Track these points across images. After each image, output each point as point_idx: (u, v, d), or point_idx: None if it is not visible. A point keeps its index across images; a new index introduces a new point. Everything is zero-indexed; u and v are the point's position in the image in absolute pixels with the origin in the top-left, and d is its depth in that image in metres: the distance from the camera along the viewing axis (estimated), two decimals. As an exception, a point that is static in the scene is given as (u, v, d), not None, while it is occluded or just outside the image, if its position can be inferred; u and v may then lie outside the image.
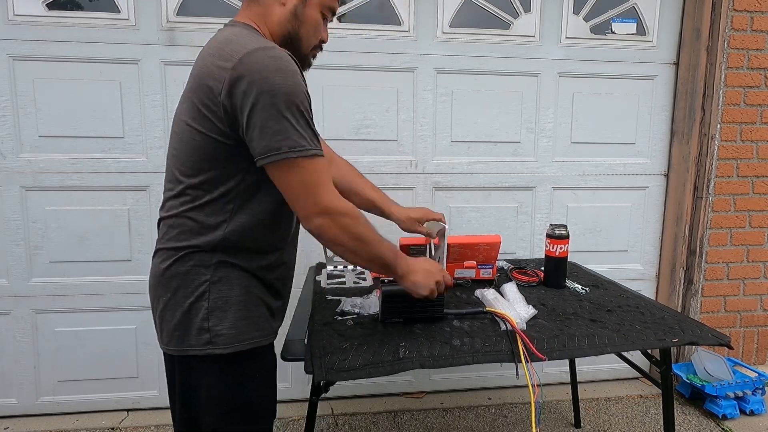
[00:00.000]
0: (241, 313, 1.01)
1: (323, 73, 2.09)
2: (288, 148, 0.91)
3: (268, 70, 0.90)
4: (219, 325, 0.99)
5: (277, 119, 0.90)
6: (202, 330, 0.99)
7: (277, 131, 0.90)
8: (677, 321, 1.29)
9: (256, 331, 1.03)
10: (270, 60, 0.91)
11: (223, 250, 1.00)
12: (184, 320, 0.99)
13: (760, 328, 2.46)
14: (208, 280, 0.99)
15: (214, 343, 0.99)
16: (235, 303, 1.01)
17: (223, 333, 0.99)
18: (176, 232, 1.01)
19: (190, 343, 1.00)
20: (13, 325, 2.05)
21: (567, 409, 2.26)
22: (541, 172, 2.30)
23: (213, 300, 0.99)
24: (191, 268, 0.99)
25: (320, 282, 1.58)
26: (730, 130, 2.28)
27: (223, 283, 1.00)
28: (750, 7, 2.20)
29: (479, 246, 1.54)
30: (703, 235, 2.32)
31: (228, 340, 0.99)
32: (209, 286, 0.99)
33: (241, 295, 1.01)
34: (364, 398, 2.29)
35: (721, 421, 2.15)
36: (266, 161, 0.92)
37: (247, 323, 1.01)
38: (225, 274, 1.00)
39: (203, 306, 0.99)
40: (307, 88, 0.98)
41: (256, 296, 1.04)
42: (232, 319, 1.00)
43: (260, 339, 1.04)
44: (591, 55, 2.25)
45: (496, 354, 1.10)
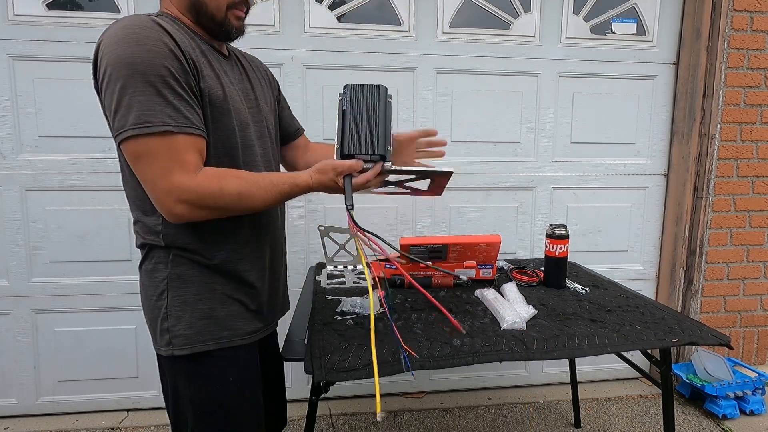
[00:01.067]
0: (201, 313, 0.97)
1: (322, 74, 2.09)
2: (131, 125, 0.82)
3: (113, 43, 0.83)
4: (177, 325, 0.96)
5: (120, 93, 0.82)
6: (163, 330, 0.97)
7: (118, 108, 0.83)
8: (677, 321, 1.29)
9: (224, 330, 0.99)
10: (118, 31, 0.84)
11: (174, 245, 0.96)
12: (152, 319, 0.99)
13: (760, 328, 2.46)
14: (166, 278, 0.96)
15: (173, 345, 0.96)
16: (193, 302, 0.97)
17: (180, 333, 0.96)
18: (136, 229, 1.00)
19: (158, 344, 0.99)
20: (13, 325, 2.05)
21: (567, 409, 2.26)
22: (541, 172, 2.30)
23: (171, 299, 0.96)
24: (154, 266, 0.97)
25: (320, 282, 1.58)
26: (730, 130, 2.28)
27: (181, 281, 0.96)
28: (750, 7, 2.20)
29: (479, 246, 1.54)
30: (703, 235, 2.32)
31: (186, 341, 0.96)
32: (167, 284, 0.96)
33: (201, 293, 0.97)
34: (364, 398, 2.29)
35: (721, 421, 2.15)
36: (116, 143, 0.85)
37: (208, 323, 0.97)
38: (183, 271, 0.97)
39: (163, 305, 0.96)
40: (182, 55, 0.87)
41: (221, 294, 1.00)
42: (189, 319, 0.96)
43: (229, 339, 0.99)
44: (591, 55, 2.25)
45: (496, 354, 1.10)
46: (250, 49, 2.04)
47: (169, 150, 0.84)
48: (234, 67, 1.07)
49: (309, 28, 2.06)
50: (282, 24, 2.05)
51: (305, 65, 2.07)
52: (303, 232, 2.15)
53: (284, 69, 2.06)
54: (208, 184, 0.87)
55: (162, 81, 0.83)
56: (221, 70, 0.99)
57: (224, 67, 1.02)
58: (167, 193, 0.85)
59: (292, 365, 2.17)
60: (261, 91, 1.14)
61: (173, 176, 0.85)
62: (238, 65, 1.10)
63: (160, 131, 0.82)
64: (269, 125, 1.13)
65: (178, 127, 0.84)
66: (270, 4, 2.03)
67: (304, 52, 2.07)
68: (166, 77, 0.84)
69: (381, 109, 1.01)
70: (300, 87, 2.08)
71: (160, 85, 0.83)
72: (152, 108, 0.82)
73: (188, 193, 0.86)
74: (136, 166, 0.86)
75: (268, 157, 1.11)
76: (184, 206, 0.86)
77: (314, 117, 2.10)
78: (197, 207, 0.87)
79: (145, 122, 0.82)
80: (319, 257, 2.03)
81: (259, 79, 1.17)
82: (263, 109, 1.11)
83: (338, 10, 2.08)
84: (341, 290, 1.52)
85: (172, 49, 0.85)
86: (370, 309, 1.32)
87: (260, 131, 1.08)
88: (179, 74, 0.86)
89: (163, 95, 0.83)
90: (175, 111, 0.84)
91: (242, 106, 1.01)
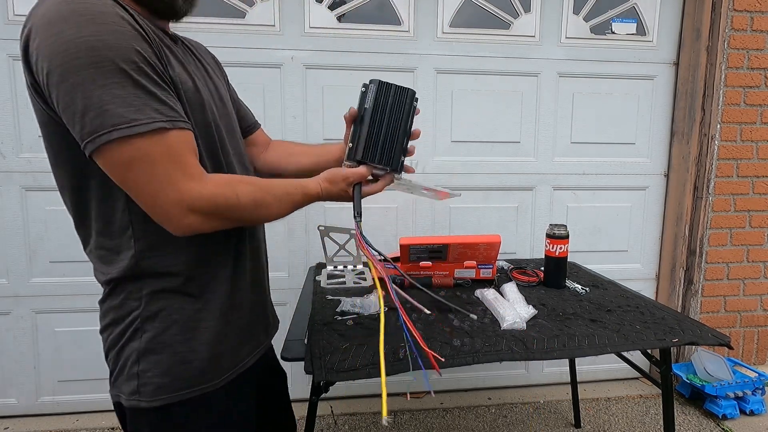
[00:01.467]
0: (180, 356, 0.81)
1: (323, 74, 2.09)
2: (112, 125, 0.65)
3: (54, 23, 0.64)
4: (149, 371, 0.79)
5: (85, 88, 0.64)
6: (131, 376, 0.80)
7: (86, 107, 0.65)
8: (677, 321, 1.29)
9: (207, 373, 0.84)
10: (56, 7, 0.65)
11: (149, 275, 0.79)
12: (117, 361, 0.82)
13: (760, 328, 2.46)
14: (138, 317, 0.80)
15: (141, 394, 0.79)
16: (171, 344, 0.80)
17: (152, 382, 0.79)
18: (94, 260, 0.83)
19: (119, 389, 0.82)
20: (13, 325, 2.05)
21: (567, 409, 2.26)
22: (541, 172, 2.30)
23: (146, 339, 0.79)
24: (122, 302, 0.80)
25: (320, 282, 1.58)
26: (730, 130, 2.28)
27: (158, 320, 0.80)
28: (750, 7, 2.20)
29: (479, 246, 1.54)
30: (703, 235, 2.32)
31: (157, 391, 0.79)
32: (141, 323, 0.80)
33: (182, 332, 0.81)
34: (364, 398, 2.29)
35: (721, 421, 2.15)
36: (88, 152, 0.68)
37: (187, 368, 0.81)
38: (160, 306, 0.80)
39: (134, 347, 0.80)
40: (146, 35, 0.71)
41: (205, 330, 0.84)
42: (166, 365, 0.80)
43: (213, 383, 0.84)
44: (591, 55, 2.25)
45: (496, 354, 1.10)
46: (250, 49, 2.07)
47: (167, 151, 0.69)
48: (186, 53, 0.89)
49: (309, 28, 2.06)
50: (282, 24, 2.05)
51: (305, 65, 2.07)
52: (303, 232, 2.15)
53: (284, 69, 2.06)
54: (222, 192, 0.75)
55: (136, 68, 0.67)
56: (182, 57, 0.84)
57: (179, 53, 0.85)
58: (176, 202, 0.71)
59: (292, 365, 2.17)
60: (218, 80, 0.98)
61: (180, 183, 0.71)
62: (189, 50, 0.92)
63: (151, 129, 0.67)
64: (234, 120, 0.99)
65: (170, 122, 0.70)
66: (270, 4, 2.03)
67: (304, 52, 2.07)
68: (140, 63, 0.68)
69: (404, 117, 0.93)
70: (300, 87, 2.08)
71: (136, 72, 0.67)
72: (134, 102, 0.66)
73: (200, 201, 0.72)
74: (127, 176, 0.69)
75: (241, 157, 0.97)
76: (195, 217, 0.73)
77: (314, 117, 2.10)
78: (210, 217, 0.75)
79: (132, 120, 0.66)
80: (319, 257, 2.03)
81: (211, 66, 1.00)
82: (226, 100, 0.96)
83: (338, 10, 2.08)
84: (341, 290, 1.52)
85: (136, 28, 0.69)
86: (378, 311, 1.32)
87: (230, 127, 0.94)
88: (152, 58, 0.70)
89: (142, 85, 0.68)
90: (160, 103, 0.69)
91: (209, 98, 0.87)
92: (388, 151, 0.93)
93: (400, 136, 0.93)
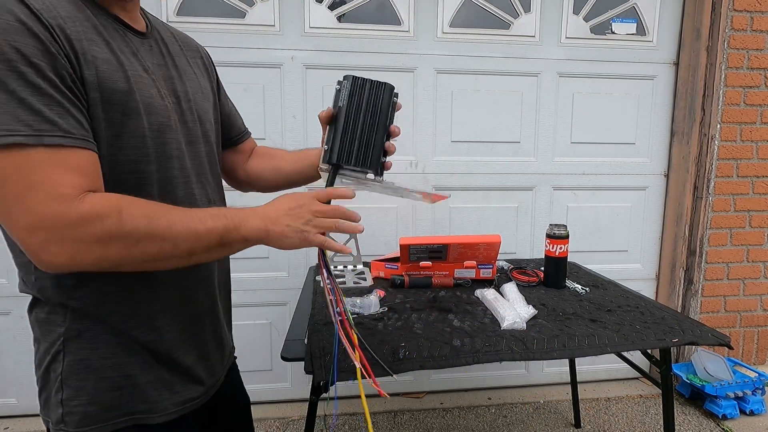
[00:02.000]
0: (110, 382, 0.71)
1: (323, 74, 2.09)
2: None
3: None
4: (74, 398, 0.70)
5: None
6: (57, 402, 0.71)
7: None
8: (677, 321, 1.29)
9: (143, 403, 0.74)
10: None
11: (73, 295, 0.70)
12: (43, 384, 0.73)
13: (760, 328, 2.46)
14: (62, 335, 0.70)
15: (66, 423, 0.70)
16: (99, 367, 0.71)
17: (77, 411, 0.70)
18: (18, 272, 0.74)
19: (49, 414, 0.73)
20: (13, 325, 2.05)
21: (567, 409, 2.26)
22: (541, 172, 2.30)
23: (68, 363, 0.70)
24: (47, 316, 0.71)
25: (320, 282, 1.58)
26: (730, 130, 2.28)
27: (84, 340, 0.70)
28: (750, 7, 2.20)
29: (479, 246, 1.54)
30: (703, 235, 2.32)
31: (83, 421, 0.70)
32: (63, 344, 0.70)
33: (111, 354, 0.71)
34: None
35: (721, 421, 2.15)
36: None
37: (119, 395, 0.72)
38: (86, 326, 0.70)
39: (57, 370, 0.70)
40: (43, 28, 0.61)
41: (140, 352, 0.74)
42: (92, 392, 0.70)
43: (149, 415, 0.74)
44: (591, 55, 2.25)
45: (496, 354, 1.10)
46: (250, 49, 2.07)
47: (23, 172, 0.58)
48: (153, 49, 0.79)
49: (309, 28, 2.06)
50: (282, 24, 2.05)
51: (305, 65, 2.07)
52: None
53: (284, 69, 2.06)
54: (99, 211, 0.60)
55: (9, 68, 0.57)
56: (126, 52, 0.72)
57: (133, 48, 0.74)
58: (30, 228, 0.59)
59: (292, 365, 2.17)
60: (194, 80, 0.87)
61: (38, 205, 0.58)
62: (158, 46, 0.82)
63: (4, 144, 0.57)
64: (207, 125, 0.87)
65: (34, 137, 0.58)
66: (270, 4, 2.03)
67: (304, 52, 2.07)
68: (16, 63, 0.58)
69: (382, 114, 0.85)
70: (300, 87, 2.08)
71: (6, 73, 0.57)
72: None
73: (63, 226, 0.59)
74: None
75: (202, 168, 0.85)
76: (59, 247, 0.59)
77: (314, 117, 2.10)
78: (84, 247, 0.60)
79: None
80: (319, 257, 2.02)
81: (189, 61, 0.89)
82: (198, 104, 0.85)
83: (338, 10, 2.08)
84: (341, 290, 1.51)
85: (24, 21, 0.59)
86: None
87: (192, 135, 0.82)
88: (38, 57, 0.59)
89: (10, 89, 0.57)
90: (30, 113, 0.58)
91: (160, 102, 0.75)
92: (365, 151, 0.85)
93: (378, 135, 0.85)
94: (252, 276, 2.12)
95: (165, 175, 0.75)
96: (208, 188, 0.86)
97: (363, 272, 1.65)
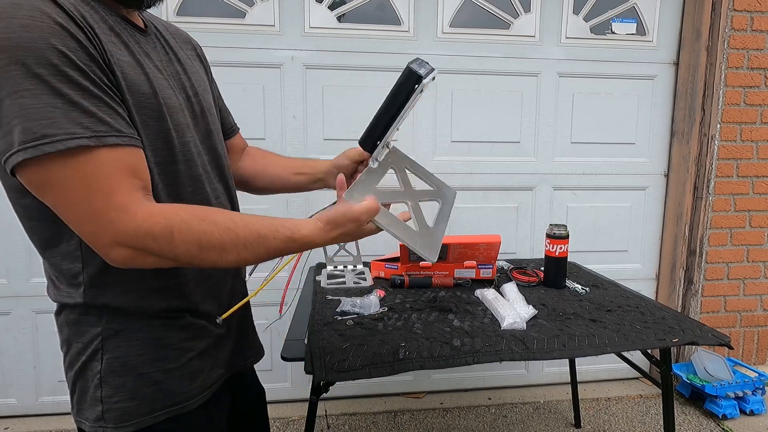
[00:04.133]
0: (147, 378, 0.73)
1: (323, 73, 2.09)
2: (20, 143, 0.56)
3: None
4: (114, 395, 0.72)
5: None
6: (94, 400, 0.72)
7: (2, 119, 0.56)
8: (677, 321, 1.29)
9: (178, 395, 0.76)
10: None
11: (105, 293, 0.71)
12: (78, 383, 0.74)
13: (760, 328, 2.46)
14: (100, 334, 0.71)
15: (106, 421, 0.72)
16: (136, 365, 0.73)
17: (117, 407, 0.72)
18: (47, 279, 0.76)
19: (82, 416, 0.74)
20: (13, 325, 2.05)
21: (567, 409, 2.26)
22: (541, 172, 2.30)
23: (107, 361, 0.71)
24: (80, 317, 0.73)
25: (320, 282, 1.58)
26: (730, 130, 2.28)
27: (120, 338, 0.72)
28: (750, 7, 2.20)
29: (479, 246, 1.54)
30: (703, 235, 2.32)
31: (123, 417, 0.72)
32: (102, 342, 0.72)
33: (147, 351, 0.74)
34: (363, 398, 2.29)
35: (721, 421, 2.15)
36: (8, 169, 0.59)
37: (156, 390, 0.74)
38: (122, 324, 0.72)
39: (96, 369, 0.72)
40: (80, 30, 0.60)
41: (175, 348, 0.76)
42: (131, 388, 0.72)
43: (184, 404, 0.77)
44: (591, 55, 2.25)
45: (496, 354, 1.10)
46: (250, 49, 2.07)
47: (85, 176, 0.58)
48: (156, 46, 0.78)
49: (309, 28, 2.06)
50: (282, 24, 2.05)
51: (305, 65, 2.07)
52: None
53: (284, 69, 2.06)
54: (151, 229, 0.62)
55: (56, 71, 0.56)
56: (141, 53, 0.72)
57: (145, 48, 0.74)
58: (97, 235, 0.61)
59: (292, 365, 2.17)
60: (196, 73, 0.86)
61: (101, 215, 0.60)
62: (160, 41, 0.80)
63: (66, 148, 0.56)
64: (214, 120, 0.87)
65: (95, 138, 0.58)
66: (270, 4, 2.03)
67: (304, 52, 2.07)
68: (61, 66, 0.56)
69: (399, 101, 0.82)
70: (300, 87, 2.08)
71: (55, 77, 0.56)
72: (48, 114, 0.56)
73: (126, 236, 0.61)
74: (44, 198, 0.61)
75: (219, 164, 0.86)
76: (124, 251, 0.62)
77: (314, 117, 2.10)
78: (142, 254, 0.63)
79: (42, 137, 0.55)
80: (320, 257, 2.02)
81: (188, 55, 0.87)
82: (204, 98, 0.84)
83: (338, 10, 2.08)
84: (341, 290, 1.52)
85: (61, 23, 0.58)
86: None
87: (205, 132, 0.83)
88: (81, 59, 0.59)
89: (62, 93, 0.56)
90: (86, 115, 0.58)
91: (176, 102, 0.75)
92: (372, 132, 0.84)
93: (385, 120, 0.83)
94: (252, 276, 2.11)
95: (192, 174, 0.76)
96: (229, 182, 0.89)
97: (363, 272, 1.65)
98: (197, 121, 0.81)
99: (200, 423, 0.80)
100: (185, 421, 0.77)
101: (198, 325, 0.80)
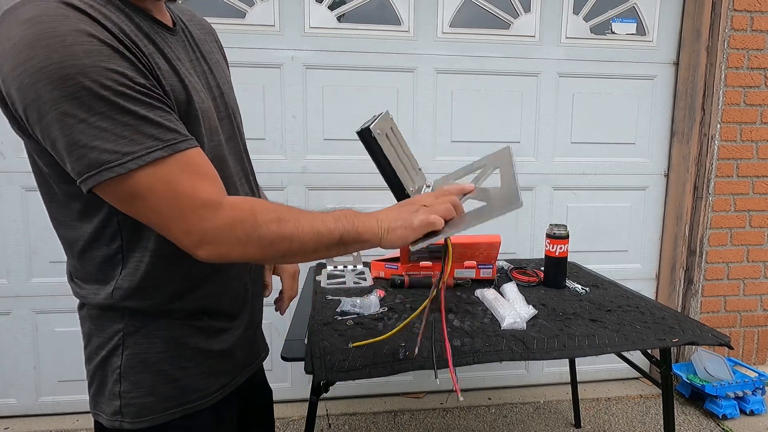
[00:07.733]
0: (165, 375, 0.76)
1: (323, 73, 2.09)
2: (100, 165, 0.59)
3: (21, 49, 0.55)
4: (132, 391, 0.74)
5: (61, 125, 0.57)
6: (113, 395, 0.74)
7: (70, 145, 0.58)
8: (677, 321, 1.29)
9: (193, 392, 0.78)
10: (21, 29, 0.55)
11: (132, 297, 0.73)
12: (97, 377, 0.77)
13: (760, 328, 2.46)
14: (121, 330, 0.74)
15: (123, 415, 0.74)
16: (155, 362, 0.75)
17: (135, 402, 0.74)
18: (72, 278, 0.79)
19: (100, 409, 0.77)
20: (13, 325, 2.05)
21: (567, 409, 2.26)
22: (541, 172, 2.30)
23: (127, 357, 0.74)
24: (103, 312, 0.75)
25: (320, 282, 1.58)
26: (730, 130, 2.28)
27: (141, 335, 0.74)
28: (750, 7, 2.20)
29: (479, 246, 1.54)
30: (703, 235, 2.32)
31: (141, 412, 0.74)
32: (123, 338, 0.74)
33: (167, 349, 0.76)
34: (364, 398, 2.29)
35: (721, 421, 2.15)
36: (87, 188, 0.61)
37: (173, 387, 0.76)
38: (143, 322, 0.74)
39: (116, 364, 0.74)
40: (126, 49, 0.61)
41: (193, 348, 0.78)
42: (150, 384, 0.75)
43: (197, 403, 0.79)
44: (591, 55, 2.25)
45: (496, 354, 1.10)
46: (250, 49, 2.07)
47: (169, 183, 0.62)
48: (185, 45, 0.78)
49: (309, 28, 2.06)
50: (282, 24, 2.05)
51: (305, 65, 2.07)
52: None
53: (284, 69, 2.06)
54: (240, 217, 0.66)
55: (120, 92, 0.59)
56: (174, 57, 0.71)
57: (175, 50, 0.73)
58: (186, 234, 0.65)
59: (292, 365, 2.17)
60: (219, 69, 0.85)
61: (188, 214, 0.64)
62: (187, 38, 0.79)
63: (147, 162, 0.60)
64: (237, 117, 0.88)
65: (168, 147, 0.62)
66: (270, 4, 2.03)
67: (304, 52, 2.07)
68: (123, 87, 0.59)
69: (379, 155, 0.84)
70: (300, 87, 2.08)
71: (121, 98, 0.59)
72: (124, 133, 0.59)
73: (213, 232, 0.65)
74: (130, 210, 0.65)
75: (243, 163, 0.87)
76: (212, 247, 0.66)
77: (314, 117, 2.10)
78: (230, 245, 0.67)
79: (125, 155, 0.59)
80: (319, 257, 2.02)
81: (210, 48, 0.86)
82: (228, 96, 0.85)
83: (338, 10, 2.08)
84: (341, 290, 1.52)
85: (110, 44, 0.59)
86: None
87: (230, 130, 0.84)
88: (137, 77, 0.61)
89: (131, 111, 0.59)
90: (156, 127, 0.61)
91: (207, 104, 0.76)
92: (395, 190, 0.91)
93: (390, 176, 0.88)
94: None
95: (223, 175, 0.76)
96: (253, 184, 0.90)
97: (363, 272, 1.65)
98: (223, 121, 0.82)
99: (213, 421, 0.82)
100: (198, 419, 0.79)
101: (216, 327, 0.82)
